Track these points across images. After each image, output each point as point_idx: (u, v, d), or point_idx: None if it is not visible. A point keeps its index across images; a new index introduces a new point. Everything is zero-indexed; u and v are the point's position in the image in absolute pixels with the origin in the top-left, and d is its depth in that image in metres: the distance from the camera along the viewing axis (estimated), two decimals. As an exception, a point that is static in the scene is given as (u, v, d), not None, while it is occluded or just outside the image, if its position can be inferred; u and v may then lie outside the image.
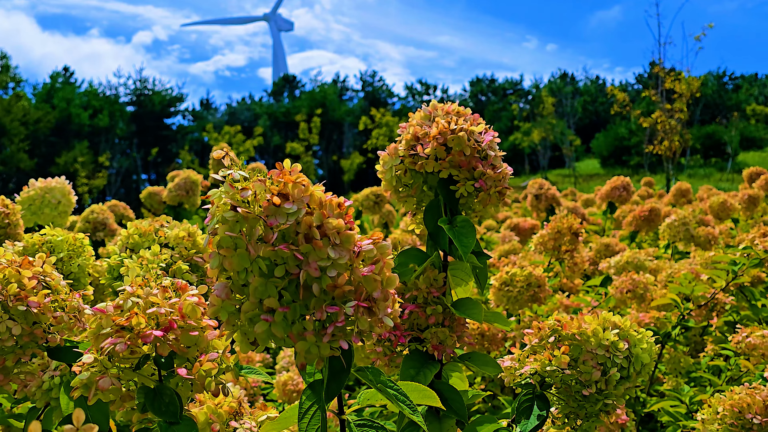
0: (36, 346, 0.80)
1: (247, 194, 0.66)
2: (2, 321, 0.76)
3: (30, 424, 0.46)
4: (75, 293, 0.85)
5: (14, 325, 0.77)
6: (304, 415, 0.72)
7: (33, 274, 0.80)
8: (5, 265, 0.79)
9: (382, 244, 0.70)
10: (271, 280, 0.65)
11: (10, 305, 0.77)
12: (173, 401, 0.67)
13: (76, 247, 1.14)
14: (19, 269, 0.79)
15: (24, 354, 0.80)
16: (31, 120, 30.92)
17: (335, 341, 0.65)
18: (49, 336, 0.81)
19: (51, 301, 0.81)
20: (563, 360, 1.03)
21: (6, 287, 0.77)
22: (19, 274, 0.79)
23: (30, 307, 0.77)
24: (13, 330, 0.76)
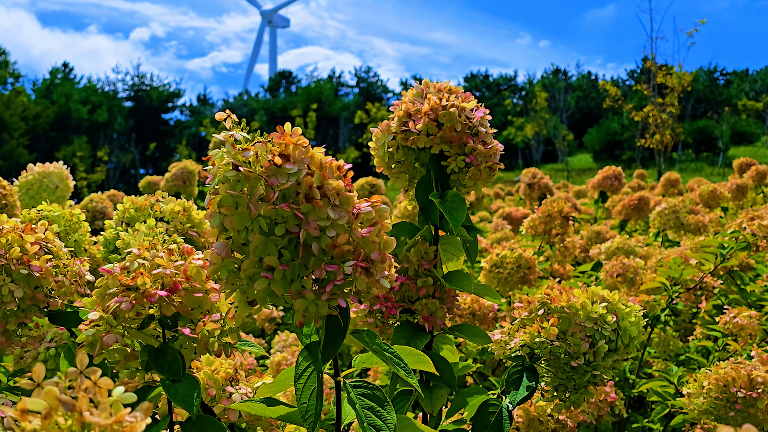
0: (37, 310, 0.82)
1: (249, 154, 0.68)
2: (5, 284, 0.78)
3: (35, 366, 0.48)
4: (76, 259, 0.87)
5: (17, 288, 0.78)
6: (300, 375, 0.74)
7: (35, 239, 0.82)
8: (8, 230, 0.80)
9: (381, 207, 0.71)
10: (271, 238, 0.66)
11: (13, 269, 0.79)
12: (176, 360, 0.69)
13: (73, 222, 1.15)
14: (22, 234, 0.81)
15: (26, 317, 0.82)
16: (30, 115, 31.22)
17: (333, 300, 0.67)
18: (50, 300, 0.82)
19: (53, 266, 0.82)
20: (552, 332, 1.06)
21: (9, 251, 0.79)
22: (21, 239, 0.80)
23: (32, 270, 0.79)
24: (16, 293, 0.78)
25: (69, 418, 0.45)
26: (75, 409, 0.44)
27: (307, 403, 0.71)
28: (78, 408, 0.44)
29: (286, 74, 45.30)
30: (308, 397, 0.72)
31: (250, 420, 0.85)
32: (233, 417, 0.82)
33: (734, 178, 4.31)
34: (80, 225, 1.17)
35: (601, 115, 34.46)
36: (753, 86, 36.71)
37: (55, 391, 0.45)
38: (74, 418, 0.44)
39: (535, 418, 1.24)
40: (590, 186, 3.96)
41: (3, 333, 0.82)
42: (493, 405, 1.04)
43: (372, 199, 0.72)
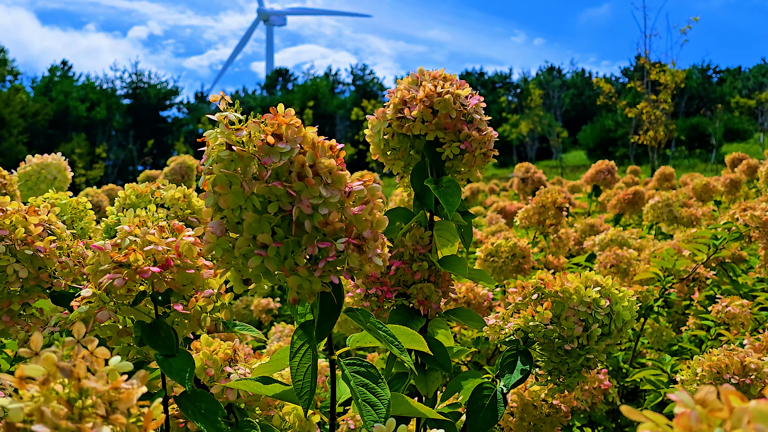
0: (41, 290, 0.82)
1: (242, 134, 0.69)
2: (9, 264, 0.78)
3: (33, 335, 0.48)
4: (79, 241, 0.87)
5: (21, 268, 0.79)
6: (295, 354, 0.74)
7: (39, 221, 0.82)
8: (12, 212, 0.81)
9: (373, 185, 0.72)
10: (264, 216, 0.67)
11: (17, 249, 0.79)
12: (169, 335, 0.70)
13: (79, 210, 1.16)
14: (26, 216, 0.81)
15: (30, 298, 0.82)
16: (29, 112, 31.51)
17: (326, 276, 0.67)
18: (54, 281, 0.83)
19: (56, 248, 0.82)
20: (546, 315, 1.06)
21: (13, 232, 0.79)
22: (25, 221, 0.81)
23: (36, 251, 0.79)
24: (20, 273, 0.78)
25: (67, 386, 0.45)
26: (73, 375, 0.45)
27: (302, 381, 0.72)
28: (76, 374, 0.44)
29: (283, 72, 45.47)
30: (303, 374, 0.72)
31: (249, 400, 0.85)
32: (231, 396, 0.82)
33: (727, 173, 4.34)
34: (86, 213, 1.18)
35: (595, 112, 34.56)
36: (746, 84, 36.87)
37: (53, 357, 0.45)
38: (72, 384, 0.45)
39: (529, 402, 1.25)
40: (584, 180, 3.97)
41: (7, 312, 0.82)
42: (488, 388, 1.05)
43: (364, 177, 0.72)
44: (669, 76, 15.93)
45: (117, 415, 0.43)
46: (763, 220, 2.02)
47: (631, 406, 0.42)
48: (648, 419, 0.39)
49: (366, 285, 1.07)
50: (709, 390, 0.39)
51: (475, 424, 1.00)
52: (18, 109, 30.50)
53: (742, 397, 0.37)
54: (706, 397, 0.39)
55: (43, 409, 0.42)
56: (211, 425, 0.66)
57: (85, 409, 0.44)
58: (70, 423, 0.42)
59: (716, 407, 0.38)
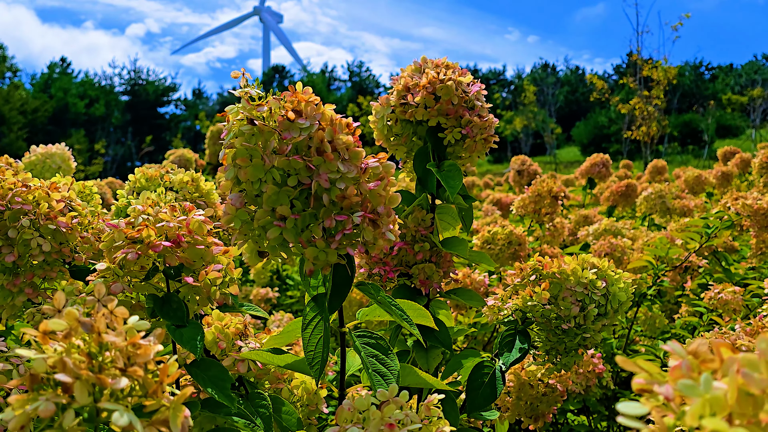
0: (62, 264, 0.84)
1: (263, 109, 0.71)
2: (33, 237, 0.81)
3: (56, 294, 0.51)
4: (99, 218, 0.90)
5: (44, 242, 0.81)
6: (307, 325, 0.77)
7: (61, 197, 0.85)
8: (35, 188, 0.83)
9: (388, 163, 0.75)
10: (283, 189, 0.69)
11: (41, 224, 0.81)
12: (181, 307, 0.72)
13: (86, 194, 1.18)
14: (48, 192, 0.84)
15: (51, 271, 0.85)
16: (29, 109, 31.77)
17: (342, 248, 0.70)
18: (75, 255, 0.85)
19: (77, 223, 0.85)
20: (544, 296, 1.09)
21: (37, 207, 0.81)
22: (48, 197, 0.83)
23: (59, 226, 0.82)
24: (44, 246, 0.81)
25: (88, 341, 0.48)
26: (93, 330, 0.47)
27: (313, 351, 0.75)
28: (96, 328, 0.47)
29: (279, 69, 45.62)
30: (315, 345, 0.75)
31: (258, 374, 0.88)
32: (242, 369, 0.85)
33: (719, 166, 4.39)
34: (92, 197, 1.20)
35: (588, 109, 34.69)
36: (738, 80, 37.05)
37: (75, 312, 0.48)
38: (92, 339, 0.47)
39: (525, 382, 1.28)
40: (578, 173, 4.01)
41: (30, 285, 0.85)
42: (487, 366, 1.08)
43: (379, 155, 0.75)
44: (661, 72, 16.01)
45: (135, 368, 0.46)
46: (754, 208, 2.06)
47: (625, 392, 0.44)
48: (642, 369, 0.42)
49: (369, 265, 1.10)
50: (702, 342, 0.42)
51: (474, 401, 1.03)
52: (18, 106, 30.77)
53: (732, 349, 0.40)
54: (699, 349, 0.41)
55: (66, 359, 0.45)
56: (221, 391, 0.68)
57: (105, 363, 0.47)
58: (90, 373, 0.44)
59: (708, 358, 0.41)
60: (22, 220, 0.82)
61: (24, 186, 0.85)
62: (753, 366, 0.37)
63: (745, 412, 0.35)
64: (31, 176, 1.84)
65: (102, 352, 0.47)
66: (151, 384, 0.46)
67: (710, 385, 0.36)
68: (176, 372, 0.47)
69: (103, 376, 0.45)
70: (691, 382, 0.36)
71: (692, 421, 0.35)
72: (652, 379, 0.39)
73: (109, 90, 40.58)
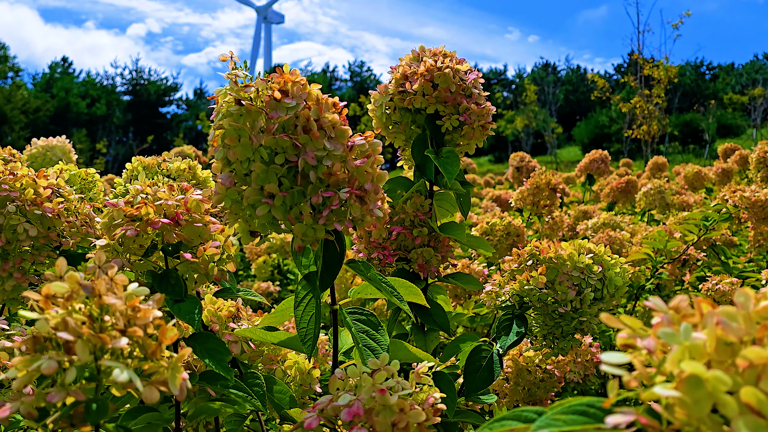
0: (50, 249, 0.85)
1: (250, 90, 0.72)
2: (20, 223, 0.82)
3: (58, 261, 0.51)
4: (86, 203, 0.90)
5: (31, 227, 0.82)
6: (299, 303, 0.77)
7: (48, 185, 0.85)
8: (22, 175, 0.84)
9: (374, 141, 0.75)
10: (271, 167, 0.70)
11: (27, 209, 0.82)
12: (179, 282, 0.72)
13: (88, 181, 1.19)
14: (35, 179, 0.85)
15: (40, 256, 0.85)
16: (30, 109, 32.14)
17: (330, 224, 0.70)
18: (62, 240, 0.85)
19: (64, 209, 0.85)
20: (541, 280, 1.10)
21: (23, 193, 0.82)
22: (35, 183, 0.84)
23: (45, 211, 0.82)
24: (30, 231, 0.82)
25: (89, 303, 0.48)
26: (94, 292, 0.47)
27: (306, 328, 0.75)
28: (97, 291, 0.47)
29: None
30: (307, 322, 0.75)
31: (252, 356, 0.88)
32: (236, 350, 0.85)
33: (719, 163, 4.39)
34: (94, 184, 1.20)
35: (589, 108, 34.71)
36: (739, 80, 37.05)
37: (76, 276, 0.48)
38: (93, 302, 0.48)
39: (523, 368, 1.28)
40: (578, 169, 4.01)
41: (19, 270, 0.85)
42: (485, 350, 1.08)
43: (366, 134, 0.75)
44: (662, 71, 16.02)
45: (135, 328, 0.46)
46: (752, 200, 2.06)
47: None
48: (625, 324, 0.42)
49: (368, 250, 1.10)
50: (683, 299, 0.43)
51: (472, 384, 1.04)
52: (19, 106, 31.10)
53: (712, 305, 0.40)
54: (680, 305, 0.42)
55: (68, 318, 0.45)
56: (219, 363, 0.69)
57: (105, 325, 0.47)
58: (91, 332, 0.45)
59: (688, 312, 0.41)
60: (8, 207, 0.83)
61: (11, 174, 0.86)
62: (731, 317, 0.38)
63: (723, 359, 0.36)
64: (34, 168, 1.86)
65: (103, 315, 0.47)
66: (151, 345, 0.47)
67: (689, 334, 0.37)
68: (174, 334, 0.47)
69: (103, 335, 0.45)
70: (671, 331, 0.37)
71: (672, 367, 0.36)
72: (635, 334, 0.40)
73: (111, 90, 40.87)
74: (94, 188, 1.20)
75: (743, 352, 0.35)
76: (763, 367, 0.34)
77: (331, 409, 0.57)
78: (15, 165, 0.90)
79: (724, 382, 0.34)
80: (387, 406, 0.55)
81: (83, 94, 38.01)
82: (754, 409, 0.33)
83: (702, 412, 0.34)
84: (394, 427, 0.54)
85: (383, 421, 0.54)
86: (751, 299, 0.38)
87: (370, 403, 0.55)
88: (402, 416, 0.54)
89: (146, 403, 0.44)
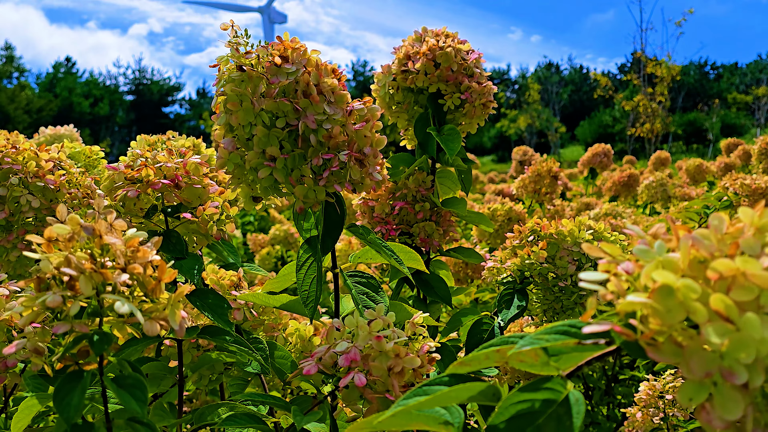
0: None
1: (252, 57, 0.73)
2: (23, 195, 0.83)
3: (58, 207, 0.52)
4: (88, 176, 0.91)
5: (33, 198, 0.83)
6: (301, 266, 0.78)
7: (49, 158, 0.87)
8: (24, 149, 0.85)
9: (372, 106, 0.76)
10: (273, 131, 0.71)
11: (30, 181, 0.84)
12: (180, 241, 0.74)
13: (92, 159, 1.20)
14: (37, 152, 0.86)
15: (43, 227, 0.86)
16: (34, 108, 32.53)
17: (330, 185, 0.71)
18: (65, 212, 0.87)
19: (65, 181, 0.87)
20: (541, 254, 1.10)
21: (25, 166, 0.84)
22: (37, 156, 0.85)
23: (47, 183, 0.84)
24: (33, 203, 0.83)
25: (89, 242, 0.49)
26: (95, 233, 0.48)
27: (308, 290, 0.76)
28: (97, 231, 0.48)
29: (284, 69, 46.15)
30: (309, 285, 0.76)
31: (254, 324, 0.89)
32: (239, 317, 0.86)
33: (722, 158, 4.39)
34: (99, 162, 1.21)
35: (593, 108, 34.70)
36: (743, 79, 36.99)
37: (77, 218, 0.49)
38: (94, 242, 0.48)
39: (524, 346, 1.29)
40: (580, 163, 4.02)
41: (22, 241, 0.86)
42: (486, 323, 1.09)
43: (364, 99, 0.76)
44: (665, 69, 16.02)
45: (134, 265, 0.47)
46: (752, 188, 2.07)
47: (626, 369, 0.44)
48: (605, 252, 0.43)
49: (371, 224, 1.11)
50: (660, 226, 0.44)
51: (473, 357, 1.04)
52: (23, 105, 31.40)
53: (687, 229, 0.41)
54: (657, 231, 0.43)
55: (70, 256, 0.46)
56: (219, 317, 0.70)
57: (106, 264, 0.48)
58: (93, 267, 0.46)
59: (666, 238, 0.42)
60: (11, 179, 0.84)
61: (13, 147, 0.88)
62: (704, 236, 0.39)
63: (696, 276, 0.37)
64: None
65: (104, 255, 0.48)
66: (150, 282, 0.48)
67: (663, 250, 0.38)
68: (173, 272, 0.48)
69: (105, 270, 0.46)
70: (646, 248, 0.38)
71: (645, 280, 0.37)
72: (615, 260, 0.41)
73: (114, 89, 41.17)
74: (99, 165, 1.21)
75: (713, 264, 0.36)
76: (733, 279, 0.36)
77: (329, 357, 0.58)
78: (17, 139, 0.91)
79: (694, 290, 0.35)
80: (383, 351, 0.56)
81: (86, 94, 38.28)
82: (723, 316, 0.35)
83: (674, 320, 0.35)
84: (390, 372, 0.55)
85: (379, 365, 0.55)
86: (724, 222, 0.39)
87: (367, 350, 0.56)
88: (398, 361, 0.55)
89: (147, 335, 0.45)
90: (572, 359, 0.45)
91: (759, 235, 0.40)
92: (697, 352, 0.36)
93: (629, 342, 0.40)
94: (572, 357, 0.45)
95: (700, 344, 0.37)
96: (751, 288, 0.36)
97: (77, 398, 0.44)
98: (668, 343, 0.38)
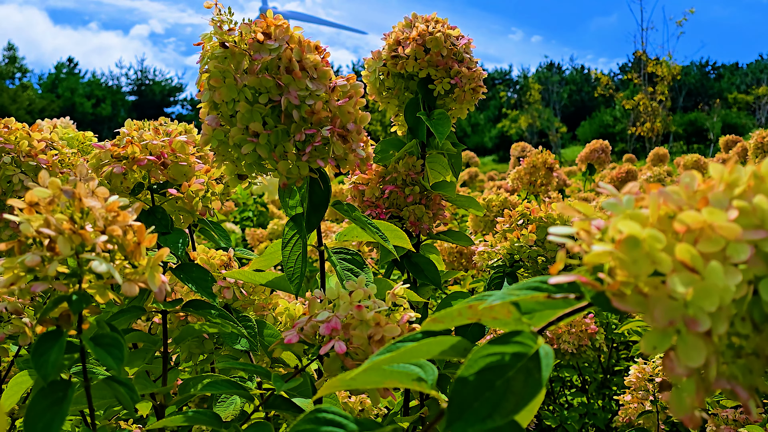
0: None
1: (234, 34, 0.73)
2: (15, 174, 0.84)
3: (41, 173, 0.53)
4: (79, 156, 0.92)
5: (25, 177, 0.84)
6: (287, 243, 0.79)
7: (41, 138, 0.88)
8: (17, 128, 0.86)
9: (356, 82, 0.77)
10: (255, 107, 0.71)
11: (22, 161, 0.84)
12: (165, 217, 0.74)
13: (86, 144, 1.21)
14: (29, 132, 0.87)
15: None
16: (36, 109, 32.68)
17: (313, 161, 0.72)
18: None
19: (58, 161, 0.87)
20: (531, 238, 1.11)
21: (18, 145, 0.84)
22: (29, 136, 0.86)
23: (39, 163, 0.85)
24: (25, 182, 0.84)
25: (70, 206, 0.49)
26: (75, 196, 0.49)
27: (293, 267, 0.77)
28: (77, 194, 0.49)
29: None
30: (294, 261, 0.77)
31: (244, 303, 0.90)
32: (228, 295, 0.87)
33: (721, 155, 4.39)
34: (92, 148, 1.22)
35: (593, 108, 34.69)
36: (744, 79, 36.97)
37: (57, 181, 0.50)
38: (74, 205, 0.49)
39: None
40: (578, 159, 4.02)
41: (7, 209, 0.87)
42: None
43: (348, 77, 0.77)
44: (665, 68, 16.02)
45: (114, 226, 0.48)
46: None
47: (622, 360, 0.45)
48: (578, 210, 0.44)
49: (361, 208, 1.12)
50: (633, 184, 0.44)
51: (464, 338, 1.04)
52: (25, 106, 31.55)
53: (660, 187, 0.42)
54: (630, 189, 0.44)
55: (50, 217, 0.46)
56: (203, 290, 0.70)
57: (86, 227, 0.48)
58: (73, 227, 0.46)
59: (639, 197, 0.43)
60: (3, 158, 0.85)
61: (5, 127, 0.89)
62: (674, 191, 0.39)
63: (665, 229, 0.37)
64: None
65: (84, 218, 0.49)
66: (130, 243, 0.48)
67: (632, 203, 0.38)
68: (153, 236, 0.49)
69: (84, 231, 0.46)
70: (614, 201, 0.39)
71: (613, 232, 0.37)
72: (588, 217, 0.41)
73: (116, 90, 41.37)
74: (93, 151, 1.21)
75: (680, 216, 0.36)
76: (700, 231, 0.36)
77: (310, 327, 0.58)
78: (9, 120, 0.92)
79: (660, 240, 0.35)
80: (364, 320, 0.56)
81: (88, 95, 38.45)
82: (688, 266, 0.35)
83: (639, 270, 0.36)
84: (371, 340, 0.55)
85: (360, 334, 0.56)
86: (696, 179, 0.39)
87: (348, 319, 0.57)
88: (378, 329, 0.55)
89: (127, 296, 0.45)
90: (545, 317, 0.45)
91: (728, 189, 0.40)
92: (662, 301, 0.37)
93: (597, 294, 0.40)
94: (545, 315, 0.45)
95: (665, 294, 0.37)
96: (718, 240, 0.37)
97: (55, 355, 0.44)
98: (634, 294, 0.38)
